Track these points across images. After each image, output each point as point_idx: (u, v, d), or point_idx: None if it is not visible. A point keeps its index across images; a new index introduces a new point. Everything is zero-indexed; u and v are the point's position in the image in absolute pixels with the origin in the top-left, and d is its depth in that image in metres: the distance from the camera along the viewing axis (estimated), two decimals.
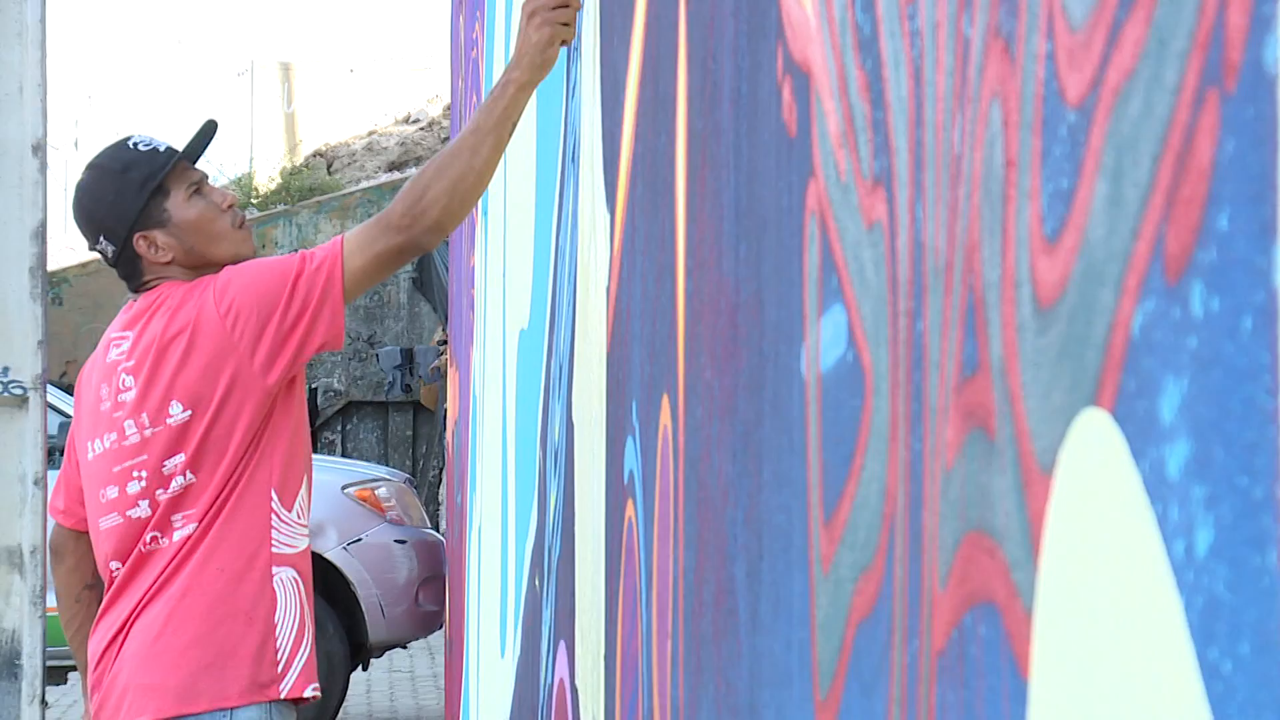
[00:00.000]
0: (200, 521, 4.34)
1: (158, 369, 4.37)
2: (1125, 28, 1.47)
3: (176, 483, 4.35)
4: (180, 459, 4.34)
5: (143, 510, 4.38)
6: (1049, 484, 1.61)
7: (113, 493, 4.43)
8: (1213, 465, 1.31)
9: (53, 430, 11.40)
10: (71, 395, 12.70)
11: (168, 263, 4.49)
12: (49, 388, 10.98)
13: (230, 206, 4.55)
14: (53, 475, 10.91)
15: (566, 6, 4.28)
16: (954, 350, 1.87)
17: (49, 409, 10.95)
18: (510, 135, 4.33)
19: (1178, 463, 1.37)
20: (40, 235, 10.63)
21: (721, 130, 3.06)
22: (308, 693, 4.40)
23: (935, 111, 1.94)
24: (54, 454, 11.31)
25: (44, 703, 10.58)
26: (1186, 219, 1.36)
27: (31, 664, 10.50)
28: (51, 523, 4.82)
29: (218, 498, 4.34)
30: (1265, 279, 1.24)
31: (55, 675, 11.62)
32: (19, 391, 10.62)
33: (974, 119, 1.82)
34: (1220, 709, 1.29)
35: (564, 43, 4.33)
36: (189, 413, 4.34)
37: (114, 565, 4.43)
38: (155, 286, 4.49)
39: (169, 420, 4.36)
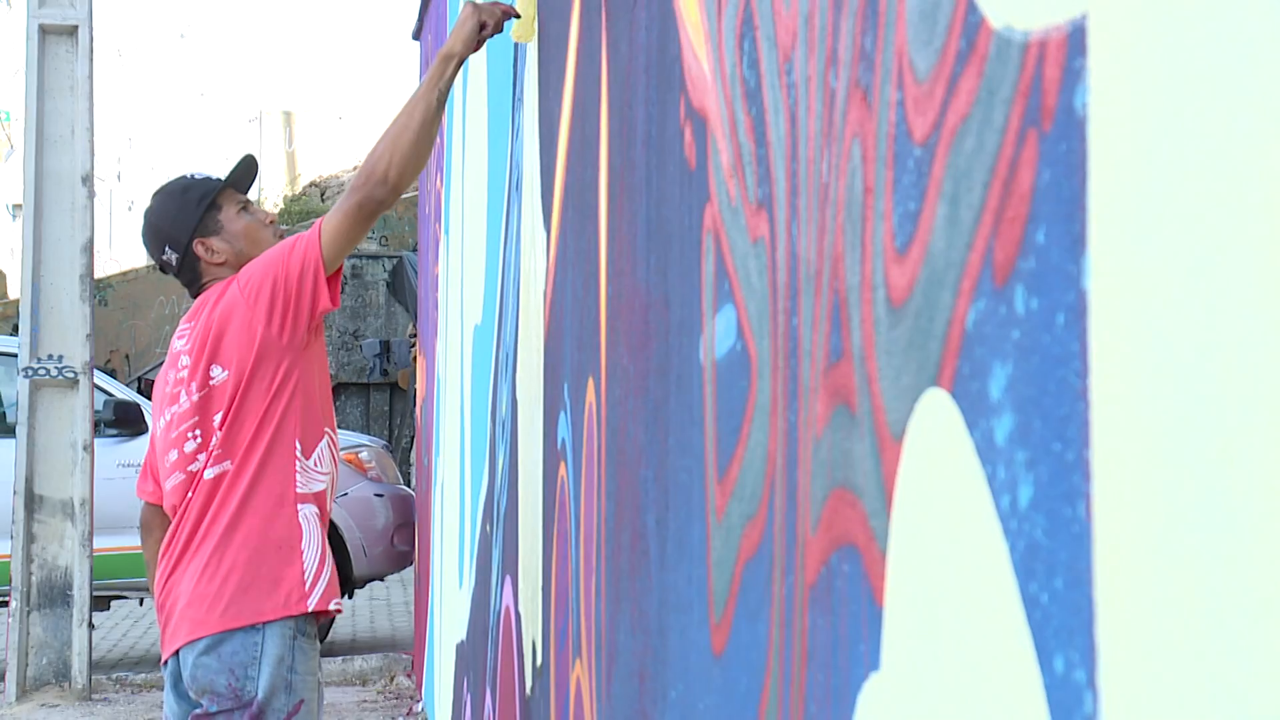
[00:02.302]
0: (235, 465, 4.30)
1: (204, 345, 4.35)
2: (961, 80, 1.46)
3: (220, 434, 4.31)
4: (221, 414, 4.31)
5: (199, 463, 4.34)
6: (899, 449, 1.60)
7: (174, 455, 4.38)
8: (1032, 434, 1.30)
9: (98, 406, 11.35)
10: (114, 379, 12.66)
11: (221, 263, 4.49)
12: (95, 373, 10.93)
13: (272, 222, 4.61)
14: (98, 442, 10.92)
15: (498, 4, 4.39)
16: (823, 341, 1.86)
17: (95, 389, 10.91)
18: (440, 100, 4.33)
19: (1004, 432, 1.36)
20: (88, 249, 10.60)
21: (635, 165, 3.05)
22: (332, 606, 4.34)
23: (807, 148, 1.93)
24: (98, 425, 11.28)
25: (90, 625, 10.54)
26: (1011, 234, 1.35)
27: (80, 594, 10.46)
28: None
29: (250, 445, 4.30)
30: (1075, 283, 1.23)
31: (99, 603, 11.56)
32: (71, 375, 10.57)
33: (839, 154, 1.81)
34: (1039, 633, 1.28)
35: (494, 31, 4.41)
36: (226, 373, 4.31)
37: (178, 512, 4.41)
38: (209, 287, 4.48)
39: (212, 382, 4.32)
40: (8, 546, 10.81)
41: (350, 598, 12.86)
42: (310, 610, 4.28)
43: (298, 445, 4.33)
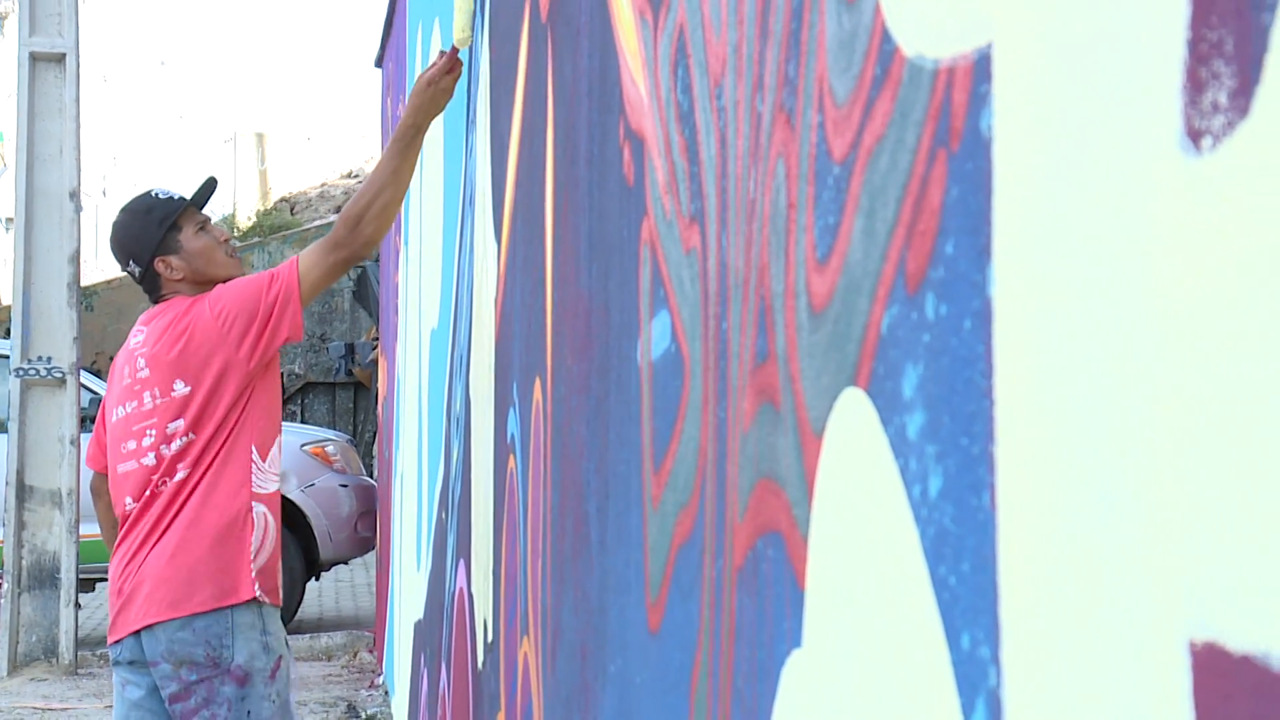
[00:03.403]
0: (195, 469, 4.32)
1: (166, 355, 4.36)
2: (876, 103, 1.45)
3: (179, 440, 4.34)
4: (181, 423, 4.34)
5: (151, 459, 4.36)
6: (820, 444, 1.59)
7: (131, 445, 4.40)
8: (941, 429, 1.30)
9: (84, 404, 11.27)
10: (99, 379, 12.61)
11: (179, 280, 4.49)
12: (82, 373, 10.86)
13: (226, 241, 4.59)
14: (84, 437, 10.87)
15: (451, 73, 4.37)
16: (750, 344, 1.85)
17: (81, 388, 10.84)
18: (415, 164, 4.42)
19: (915, 427, 1.35)
20: (75, 259, 10.53)
21: (579, 181, 3.04)
22: (267, 596, 4.37)
23: (736, 166, 1.92)
24: (85, 421, 11.20)
25: (77, 605, 10.48)
26: (922, 246, 1.34)
27: (68, 577, 10.40)
28: (88, 472, 4.90)
29: (210, 451, 4.33)
30: (981, 291, 1.23)
31: (85, 585, 11.50)
32: (59, 375, 10.51)
33: (764, 172, 1.80)
34: (947, 613, 1.28)
35: (450, 95, 4.44)
36: (189, 388, 4.34)
37: (128, 502, 4.41)
38: (169, 299, 4.49)
39: (173, 393, 4.35)
40: (0, 533, 10.75)
41: (317, 579, 12.81)
42: (256, 597, 4.32)
43: (254, 450, 4.37)
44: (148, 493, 4.36)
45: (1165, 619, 0.97)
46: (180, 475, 4.32)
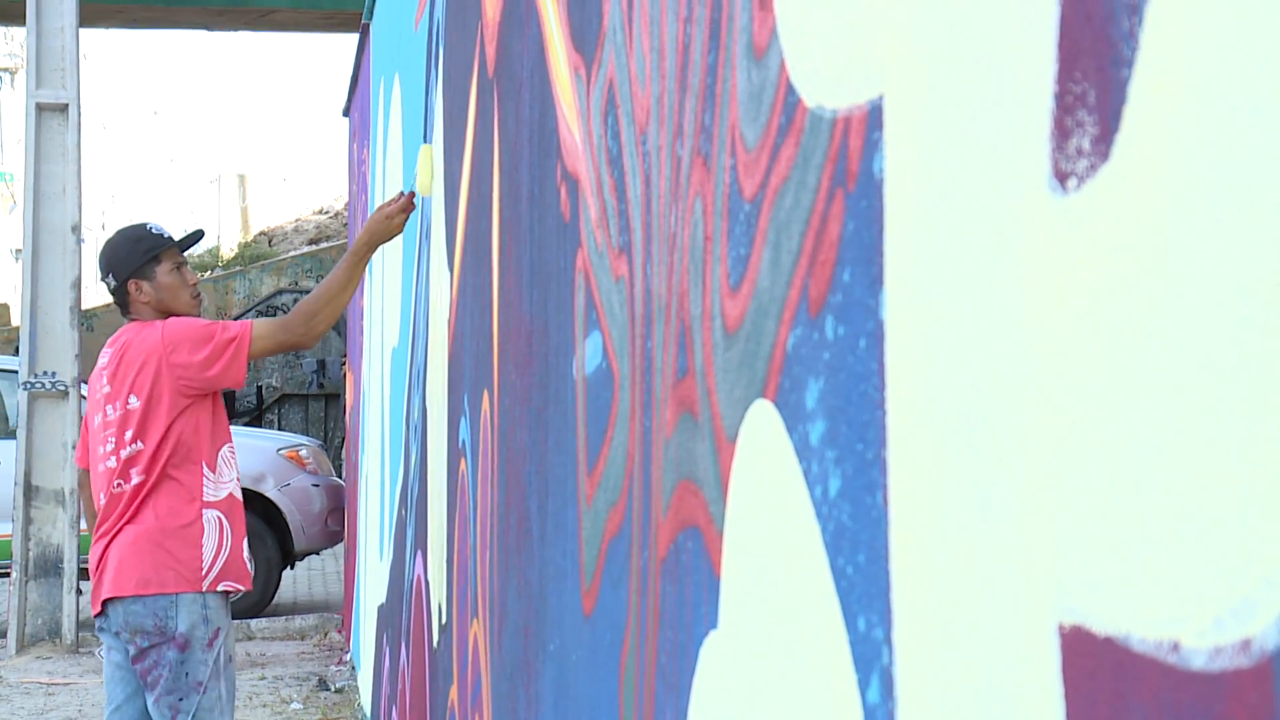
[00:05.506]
0: (148, 474, 4.41)
1: (125, 374, 4.46)
2: (782, 149, 1.45)
3: (131, 448, 4.43)
4: (131, 432, 4.44)
5: (111, 464, 4.47)
6: (733, 449, 1.58)
7: (100, 450, 4.52)
8: (839, 436, 1.29)
9: (84, 413, 11.18)
10: None
11: (145, 303, 4.55)
12: (82, 386, 10.77)
13: (194, 285, 4.65)
14: None
15: (405, 211, 4.48)
16: (671, 361, 1.84)
17: (81, 399, 10.75)
18: (364, 275, 4.67)
19: (817, 435, 1.34)
20: (76, 285, 10.44)
21: (521, 217, 3.02)
22: (221, 587, 4.44)
23: (659, 204, 1.91)
24: None
25: (78, 592, 10.39)
26: (822, 274, 1.33)
27: (70, 566, 10.31)
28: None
29: (158, 461, 4.41)
30: (874, 314, 1.22)
31: (85, 574, 11.38)
32: (62, 388, 10.42)
33: (684, 209, 1.79)
34: (845, 599, 1.27)
35: (405, 219, 4.54)
36: (139, 403, 4.44)
37: (101, 497, 4.52)
38: (134, 321, 4.55)
39: (128, 407, 4.45)
40: (9, 528, 10.67)
41: (292, 568, 12.72)
42: (204, 590, 4.41)
43: (204, 464, 4.46)
44: (114, 491, 4.48)
45: (1037, 604, 0.96)
46: (136, 480, 4.42)
